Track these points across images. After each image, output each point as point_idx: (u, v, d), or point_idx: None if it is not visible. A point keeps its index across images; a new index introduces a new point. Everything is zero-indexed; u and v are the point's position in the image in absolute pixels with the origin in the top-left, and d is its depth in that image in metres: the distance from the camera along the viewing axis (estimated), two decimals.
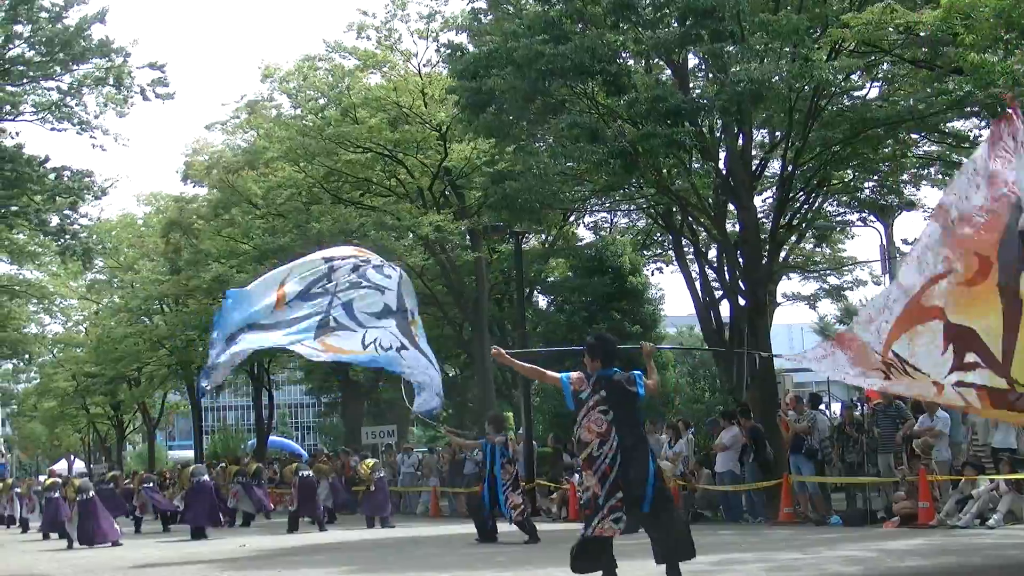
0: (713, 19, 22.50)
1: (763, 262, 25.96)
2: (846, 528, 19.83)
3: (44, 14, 31.50)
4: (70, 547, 25.70)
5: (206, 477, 28.56)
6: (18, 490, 42.80)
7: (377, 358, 19.08)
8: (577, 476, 22.66)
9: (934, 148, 29.98)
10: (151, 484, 33.76)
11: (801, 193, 28.08)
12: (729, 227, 28.94)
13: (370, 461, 30.16)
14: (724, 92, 22.33)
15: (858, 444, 21.19)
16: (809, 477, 21.65)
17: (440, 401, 19.86)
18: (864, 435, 21.09)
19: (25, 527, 36.81)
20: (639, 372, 11.56)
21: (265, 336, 18.70)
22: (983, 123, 26.92)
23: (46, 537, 29.91)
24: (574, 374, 11.57)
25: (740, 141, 25.96)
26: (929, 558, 14.21)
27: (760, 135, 28.80)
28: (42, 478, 39.58)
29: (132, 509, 32.87)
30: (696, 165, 27.10)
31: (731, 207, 27.83)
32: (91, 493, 26.13)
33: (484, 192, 34.21)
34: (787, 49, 22.30)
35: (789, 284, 42.38)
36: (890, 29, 21.25)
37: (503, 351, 12.28)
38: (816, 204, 30.82)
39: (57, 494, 28.85)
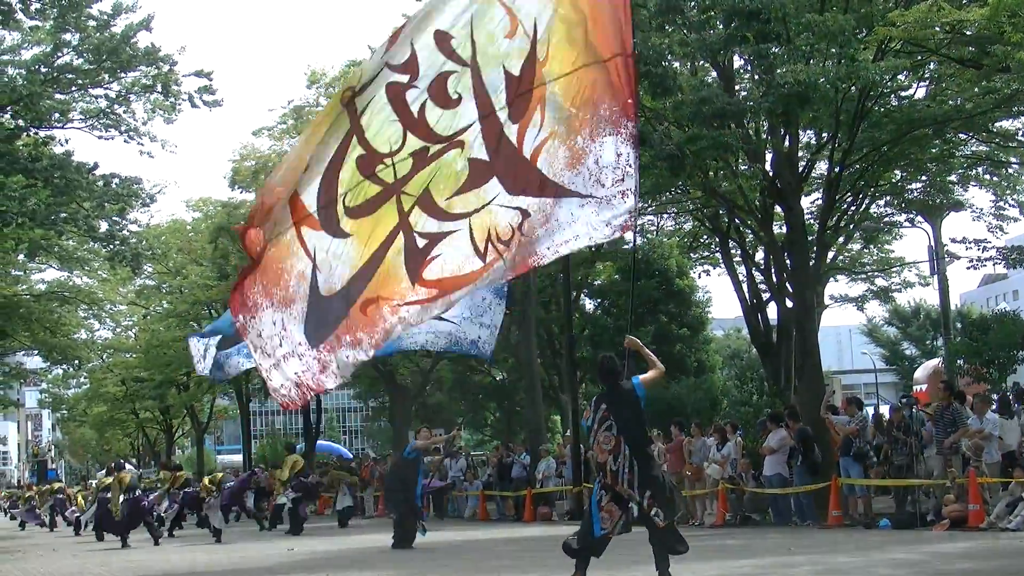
0: (759, 20, 22.40)
1: (810, 264, 25.84)
2: (895, 531, 19.70)
3: (92, 22, 31.69)
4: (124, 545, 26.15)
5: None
6: (60, 496, 43.34)
7: None
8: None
9: (982, 148, 29.80)
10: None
11: (848, 194, 27.95)
12: (776, 229, 28.87)
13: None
14: (770, 94, 22.23)
15: (907, 446, 21.02)
16: (858, 480, 21.52)
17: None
18: (912, 437, 20.93)
19: (77, 529, 36.97)
20: (637, 377, 11.71)
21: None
22: None
23: (100, 539, 29.91)
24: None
25: (787, 143, 25.85)
26: (979, 561, 14.12)
27: (807, 136, 28.71)
28: (93, 481, 39.66)
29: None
30: (743, 167, 27.02)
31: (778, 209, 27.74)
32: (138, 492, 26.90)
33: None
34: (833, 50, 22.19)
35: (837, 286, 42.13)
36: (936, 28, 21.13)
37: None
38: (863, 205, 30.71)
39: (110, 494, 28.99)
